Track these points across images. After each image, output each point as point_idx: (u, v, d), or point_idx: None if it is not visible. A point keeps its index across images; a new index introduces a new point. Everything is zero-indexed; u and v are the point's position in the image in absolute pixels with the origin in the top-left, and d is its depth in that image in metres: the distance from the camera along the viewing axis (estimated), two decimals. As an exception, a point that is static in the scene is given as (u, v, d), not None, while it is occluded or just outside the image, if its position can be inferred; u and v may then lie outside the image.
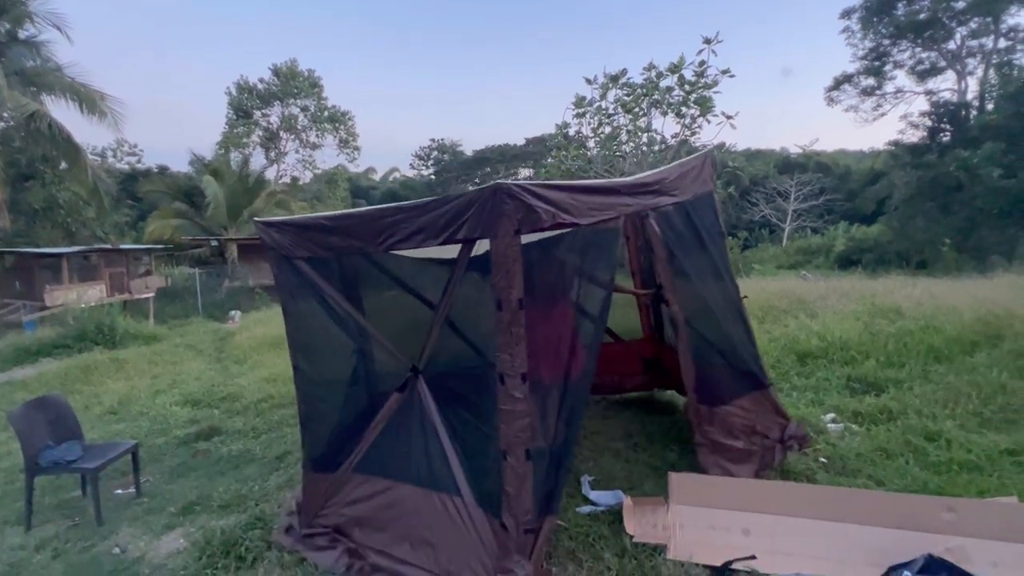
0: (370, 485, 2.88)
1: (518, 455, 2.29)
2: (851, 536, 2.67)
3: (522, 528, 2.31)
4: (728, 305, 3.56)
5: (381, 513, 2.79)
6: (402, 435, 2.80)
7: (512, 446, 2.28)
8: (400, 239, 2.46)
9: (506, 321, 2.22)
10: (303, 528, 2.99)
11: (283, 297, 3.08)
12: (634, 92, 10.66)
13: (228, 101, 35.56)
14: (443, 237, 2.33)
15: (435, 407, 2.66)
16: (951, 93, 24.36)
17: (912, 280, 9.30)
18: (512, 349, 2.23)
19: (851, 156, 45.77)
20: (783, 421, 3.63)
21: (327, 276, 2.91)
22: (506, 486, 2.33)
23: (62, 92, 15.81)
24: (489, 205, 2.18)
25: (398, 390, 2.79)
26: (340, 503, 2.96)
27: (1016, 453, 3.49)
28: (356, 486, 2.93)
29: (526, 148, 36.73)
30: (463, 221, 2.25)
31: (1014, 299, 6.11)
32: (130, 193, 29.33)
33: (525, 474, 2.30)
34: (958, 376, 4.78)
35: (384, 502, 2.80)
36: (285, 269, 2.98)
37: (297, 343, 3.10)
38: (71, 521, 3.63)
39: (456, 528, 2.49)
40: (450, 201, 2.30)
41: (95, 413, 6.49)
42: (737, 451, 3.34)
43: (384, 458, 2.86)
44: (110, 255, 19.00)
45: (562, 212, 2.27)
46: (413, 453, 2.74)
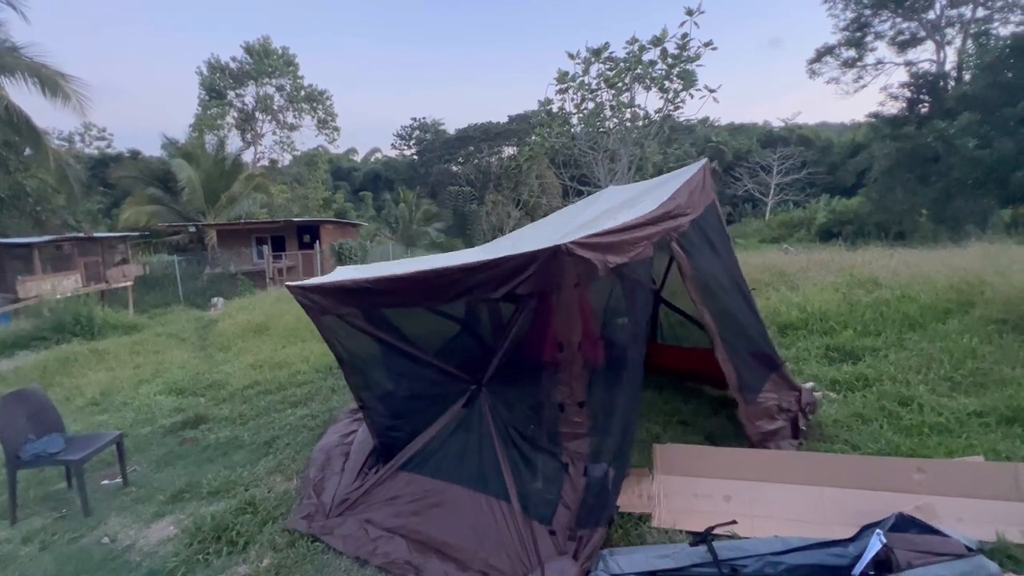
0: (416, 484, 2.97)
1: (577, 469, 2.56)
2: (827, 498, 2.78)
3: (567, 535, 2.47)
4: (743, 300, 3.75)
5: (425, 510, 2.87)
6: (457, 441, 2.95)
7: (573, 461, 2.57)
8: (453, 296, 2.63)
9: (568, 360, 2.53)
10: (331, 516, 3.04)
11: (333, 347, 3.17)
12: (617, 67, 10.54)
13: (200, 81, 34.33)
14: (501, 292, 2.44)
15: (492, 420, 2.83)
16: (930, 64, 24.55)
17: (889, 251, 9.50)
18: (573, 383, 2.55)
19: (833, 129, 46.14)
20: (796, 392, 3.80)
21: (374, 321, 3.02)
22: (563, 497, 2.52)
23: (21, 74, 15.06)
24: (551, 265, 2.29)
25: (464, 405, 2.94)
26: (380, 499, 3.02)
27: (983, 415, 3.64)
28: (401, 484, 3.01)
29: (509, 126, 36.18)
30: (523, 279, 2.36)
31: (985, 267, 6.28)
32: (101, 179, 28.40)
33: (580, 488, 2.53)
34: (931, 343, 4.93)
35: (430, 500, 2.89)
36: (330, 322, 3.08)
37: (357, 385, 3.28)
38: (58, 513, 3.61)
39: (500, 530, 2.60)
40: (508, 261, 2.38)
41: (77, 405, 6.38)
42: (777, 431, 3.50)
43: (435, 460, 2.99)
44: (84, 244, 18.46)
45: (610, 255, 2.39)
46: (467, 458, 2.88)
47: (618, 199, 4.12)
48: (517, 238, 4.48)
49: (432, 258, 4.13)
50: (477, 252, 4.17)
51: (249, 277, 19.93)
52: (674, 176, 3.82)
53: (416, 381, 3.22)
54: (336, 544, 2.84)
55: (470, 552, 2.58)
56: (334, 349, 3.17)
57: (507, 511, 2.62)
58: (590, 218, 3.63)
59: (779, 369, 3.81)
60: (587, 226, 3.08)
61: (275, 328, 9.41)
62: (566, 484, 2.55)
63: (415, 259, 4.26)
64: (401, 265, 3.65)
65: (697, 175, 3.41)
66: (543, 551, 2.46)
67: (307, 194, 36.12)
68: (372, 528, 2.87)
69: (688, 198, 3.12)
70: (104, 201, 29.50)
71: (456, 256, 3.93)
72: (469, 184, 36.04)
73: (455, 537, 2.67)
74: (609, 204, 4.05)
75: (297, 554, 2.80)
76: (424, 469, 3.00)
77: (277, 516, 3.17)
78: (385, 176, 49.11)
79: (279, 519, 3.14)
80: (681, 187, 3.17)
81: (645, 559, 2.44)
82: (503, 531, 2.58)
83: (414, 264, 3.62)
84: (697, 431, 3.87)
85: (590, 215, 3.82)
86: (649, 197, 3.33)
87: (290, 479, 3.69)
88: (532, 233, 4.42)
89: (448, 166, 39.01)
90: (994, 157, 17.54)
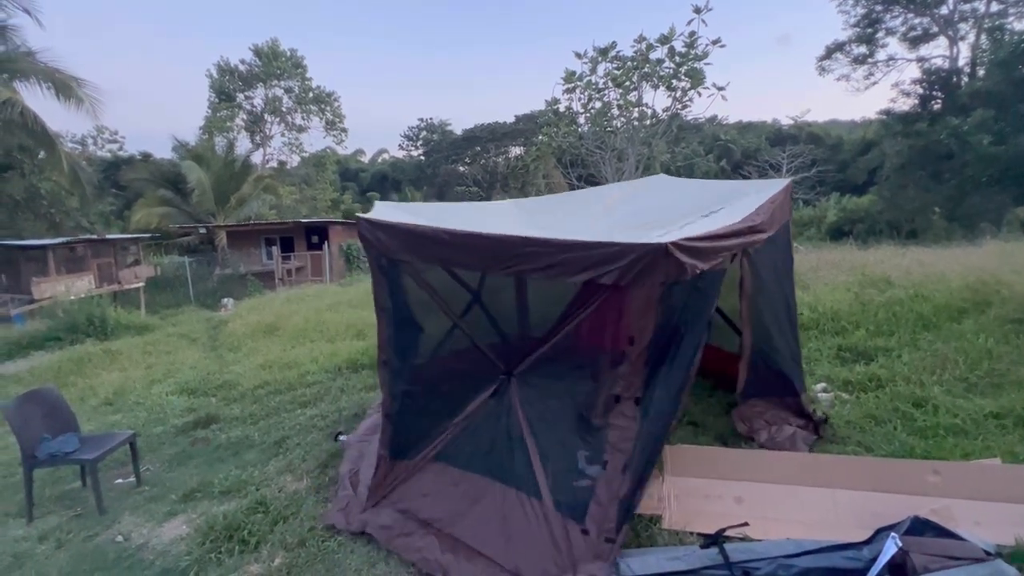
0: (448, 475, 2.97)
1: (616, 467, 2.45)
2: (840, 501, 2.75)
3: (603, 536, 2.43)
4: (788, 323, 3.74)
5: (456, 503, 2.87)
6: (487, 433, 2.91)
7: (613, 458, 2.46)
8: (528, 268, 2.50)
9: (634, 355, 2.42)
10: (367, 506, 3.06)
11: (378, 293, 3.10)
12: (624, 65, 10.50)
13: (209, 84, 34.68)
14: (582, 277, 2.36)
15: (522, 413, 2.79)
16: (943, 60, 24.18)
17: (902, 250, 9.38)
18: (632, 378, 2.44)
19: (843, 126, 45.60)
20: (801, 420, 3.74)
21: (428, 279, 2.97)
22: (597, 494, 2.46)
23: (36, 78, 15.32)
24: (648, 260, 2.20)
25: (492, 395, 2.90)
26: (414, 489, 3.03)
27: (1000, 416, 3.58)
28: (433, 475, 3.01)
29: (516, 126, 36.19)
30: (612, 269, 2.27)
31: (1001, 266, 6.19)
32: (113, 181, 28.80)
33: (618, 487, 2.44)
34: (946, 343, 4.86)
35: (461, 492, 2.88)
36: (385, 268, 3.02)
37: (388, 338, 3.14)
38: (73, 512, 3.65)
39: (531, 528, 2.58)
40: (600, 247, 2.29)
41: (90, 405, 6.47)
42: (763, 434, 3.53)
43: (466, 451, 2.96)
44: (97, 245, 18.74)
45: (700, 262, 2.32)
46: (496, 451, 2.85)
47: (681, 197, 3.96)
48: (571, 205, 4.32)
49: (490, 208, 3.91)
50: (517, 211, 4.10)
51: (258, 278, 20.10)
52: (753, 187, 3.73)
53: (448, 355, 3.18)
54: (375, 534, 2.87)
55: (500, 551, 2.56)
56: (377, 295, 3.09)
57: (538, 508, 2.60)
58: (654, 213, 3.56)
59: (795, 396, 3.74)
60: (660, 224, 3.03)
61: (284, 329, 9.47)
62: (602, 481, 2.47)
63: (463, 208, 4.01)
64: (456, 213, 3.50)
65: (780, 193, 3.33)
66: (577, 552, 2.43)
67: (315, 195, 36.37)
68: (408, 521, 2.88)
69: (770, 216, 3.06)
70: (116, 203, 29.88)
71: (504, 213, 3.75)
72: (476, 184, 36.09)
73: (485, 535, 2.66)
74: (665, 200, 3.91)
75: (308, 553, 2.82)
76: (456, 461, 2.99)
77: (288, 516, 3.19)
78: (392, 177, 49.30)
79: (290, 519, 3.16)
80: (765, 203, 3.09)
81: (656, 561, 2.42)
82: (534, 530, 2.56)
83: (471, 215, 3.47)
84: (708, 432, 3.84)
85: (650, 208, 3.70)
86: (730, 207, 3.21)
87: (300, 479, 3.72)
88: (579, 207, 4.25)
89: (455, 166, 39.10)
90: (1009, 154, 17.25)
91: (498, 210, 4.35)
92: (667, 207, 3.79)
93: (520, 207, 4.39)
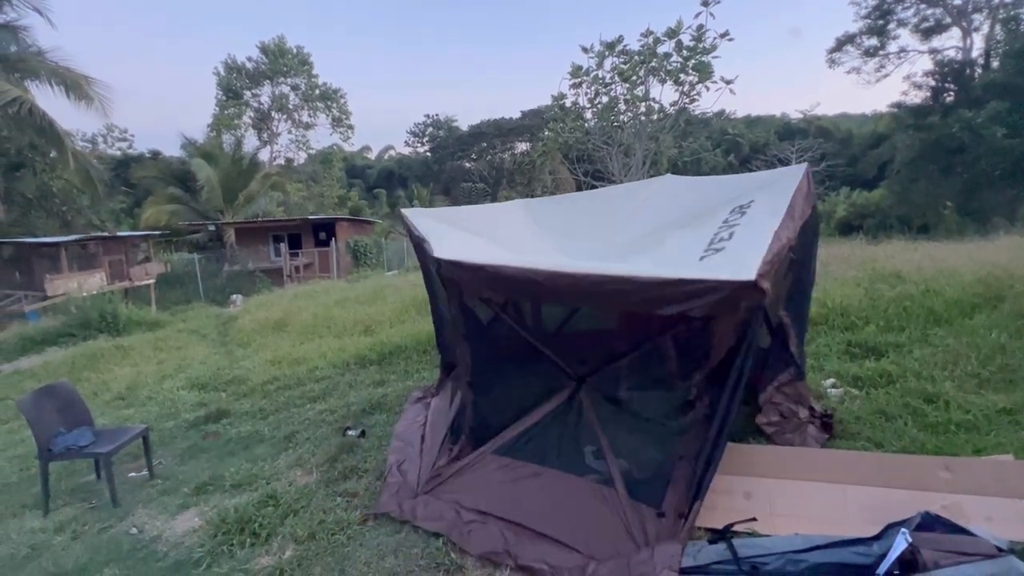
0: (511, 469, 3.05)
1: (690, 457, 2.67)
2: (849, 497, 2.73)
3: (676, 515, 2.56)
4: (802, 313, 3.85)
5: (518, 492, 2.94)
6: (555, 430, 3.10)
7: (688, 451, 2.70)
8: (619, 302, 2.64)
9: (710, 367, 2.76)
10: (419, 494, 3.13)
11: (459, 323, 3.21)
12: (631, 60, 10.40)
13: (217, 82, 34.87)
14: (671, 310, 2.39)
15: (594, 414, 2.99)
16: (956, 51, 23.76)
17: (913, 244, 9.26)
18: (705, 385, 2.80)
19: (853, 120, 45.02)
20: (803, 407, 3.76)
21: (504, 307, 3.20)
22: (673, 483, 2.63)
23: (47, 77, 15.49)
24: (737, 294, 2.25)
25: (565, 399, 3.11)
26: (471, 481, 3.09)
27: (1013, 412, 3.54)
28: (494, 468, 3.10)
29: (522, 122, 36.08)
30: (701, 303, 2.31)
31: (1014, 260, 6.09)
32: (124, 179, 29.05)
33: (692, 476, 2.62)
34: (957, 338, 4.80)
35: (525, 484, 2.97)
36: (467, 304, 3.17)
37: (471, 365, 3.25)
38: (88, 504, 3.72)
39: (603, 513, 2.67)
40: (688, 285, 2.31)
41: (104, 399, 6.57)
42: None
43: (532, 447, 3.10)
44: (108, 243, 18.94)
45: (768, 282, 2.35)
46: (565, 446, 3.03)
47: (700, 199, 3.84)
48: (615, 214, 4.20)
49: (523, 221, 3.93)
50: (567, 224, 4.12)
51: (267, 274, 20.24)
52: (772, 178, 3.60)
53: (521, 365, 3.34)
54: (427, 525, 2.90)
55: (568, 534, 2.60)
56: (458, 325, 3.19)
57: (609, 495, 2.71)
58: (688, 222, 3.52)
59: (803, 381, 3.75)
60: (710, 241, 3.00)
61: (293, 325, 9.55)
62: (679, 470, 2.65)
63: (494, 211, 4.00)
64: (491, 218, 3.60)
65: (803, 181, 3.26)
66: (650, 532, 2.52)
67: (322, 192, 36.53)
68: (464, 511, 2.91)
69: (802, 210, 3.03)
70: (126, 201, 30.18)
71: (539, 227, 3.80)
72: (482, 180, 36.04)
73: (552, 519, 2.71)
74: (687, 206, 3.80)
75: (318, 546, 2.85)
76: (519, 455, 3.07)
77: (298, 509, 3.23)
78: (399, 173, 49.39)
79: (300, 512, 3.20)
80: (795, 196, 3.01)
81: (664, 555, 2.42)
82: (605, 514, 2.65)
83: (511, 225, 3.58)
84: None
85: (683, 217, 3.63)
86: (761, 207, 3.09)
87: (310, 473, 3.76)
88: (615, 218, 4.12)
89: (461, 163, 39.05)
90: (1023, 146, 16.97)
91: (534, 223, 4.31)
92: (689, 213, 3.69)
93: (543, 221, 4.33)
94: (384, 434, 4.27)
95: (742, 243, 2.59)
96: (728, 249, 2.60)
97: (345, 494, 3.38)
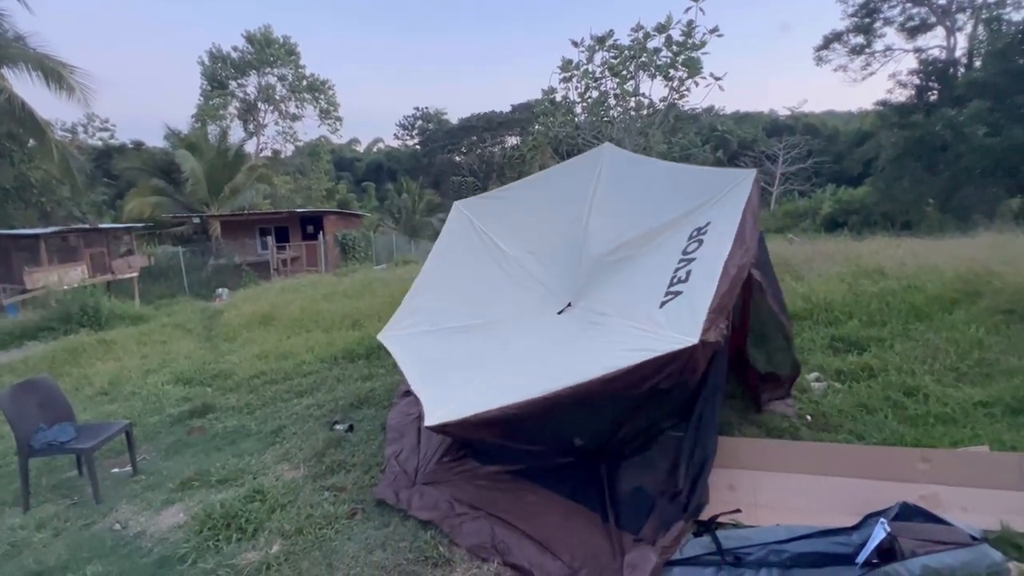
0: (510, 480, 3.16)
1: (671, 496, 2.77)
2: (831, 488, 2.79)
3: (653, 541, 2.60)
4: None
5: (514, 497, 3.01)
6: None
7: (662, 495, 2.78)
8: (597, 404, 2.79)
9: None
10: (417, 483, 3.19)
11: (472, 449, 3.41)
12: (621, 54, 10.40)
13: (201, 71, 34.23)
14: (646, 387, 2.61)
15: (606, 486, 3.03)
16: (940, 51, 24.11)
17: (896, 241, 9.43)
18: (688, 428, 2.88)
19: (839, 117, 45.58)
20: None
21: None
22: (654, 514, 2.69)
23: (25, 65, 15.04)
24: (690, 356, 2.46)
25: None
26: (472, 481, 3.19)
27: (989, 405, 3.63)
28: (492, 477, 3.20)
29: (512, 115, 35.99)
30: (665, 375, 2.56)
31: (993, 257, 6.23)
32: (105, 170, 28.43)
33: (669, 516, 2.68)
34: (937, 333, 4.91)
35: (521, 493, 3.05)
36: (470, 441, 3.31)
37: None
38: (69, 500, 3.66)
39: (588, 530, 2.74)
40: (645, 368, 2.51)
41: (86, 394, 6.45)
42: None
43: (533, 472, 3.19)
44: (89, 235, 18.54)
45: (723, 322, 2.64)
46: (565, 480, 3.09)
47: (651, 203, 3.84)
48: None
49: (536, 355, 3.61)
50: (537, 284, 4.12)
51: (253, 268, 19.99)
52: (722, 185, 3.54)
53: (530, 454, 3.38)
54: (421, 515, 2.94)
55: (556, 543, 2.65)
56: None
57: (598, 521, 2.78)
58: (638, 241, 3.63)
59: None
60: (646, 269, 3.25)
61: (280, 319, 9.45)
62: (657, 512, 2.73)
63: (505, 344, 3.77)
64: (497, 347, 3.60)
65: (753, 194, 3.27)
66: (626, 542, 2.60)
67: (310, 185, 36.12)
68: (458, 504, 2.97)
69: (752, 229, 3.11)
70: (108, 192, 29.53)
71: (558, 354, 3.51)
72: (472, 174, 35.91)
73: (542, 526, 2.76)
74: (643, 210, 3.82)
75: (306, 541, 2.84)
76: (521, 475, 3.18)
77: (285, 504, 3.21)
78: (388, 166, 49.00)
79: (287, 506, 3.18)
80: (744, 215, 3.06)
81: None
82: (590, 530, 2.72)
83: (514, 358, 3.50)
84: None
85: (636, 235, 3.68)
86: (714, 234, 3.13)
87: (297, 467, 3.74)
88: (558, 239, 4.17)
89: (451, 156, 38.86)
90: (1004, 145, 17.28)
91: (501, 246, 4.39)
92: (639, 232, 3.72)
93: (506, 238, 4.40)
94: (372, 428, 4.26)
95: (697, 285, 2.78)
96: (685, 293, 2.80)
97: (333, 488, 3.37)
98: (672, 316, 2.69)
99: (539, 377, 2.79)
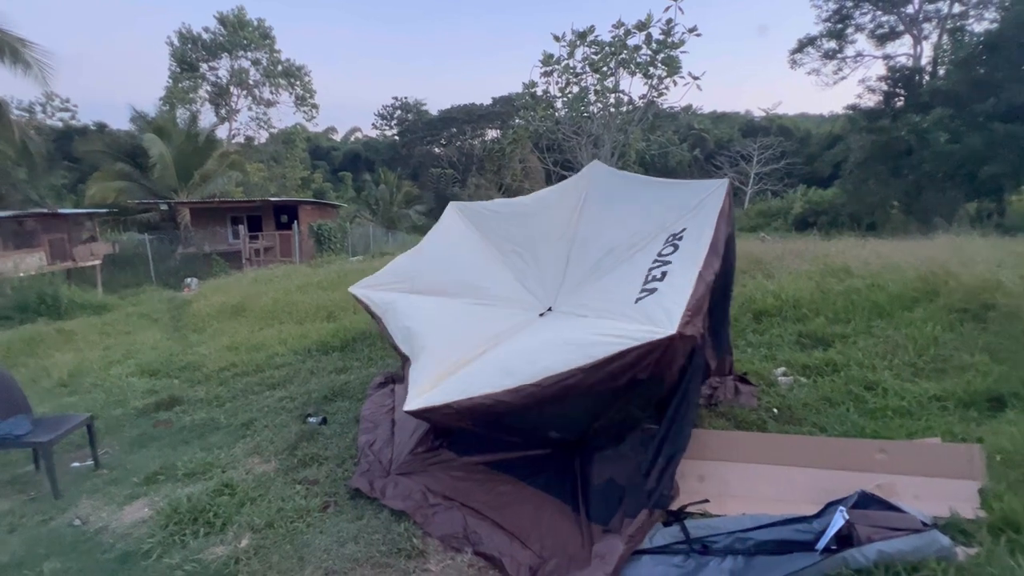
0: (484, 472, 3.17)
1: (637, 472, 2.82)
2: (794, 478, 2.89)
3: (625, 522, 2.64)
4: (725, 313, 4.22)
5: (488, 488, 3.04)
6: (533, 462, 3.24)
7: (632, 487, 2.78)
8: (582, 392, 2.71)
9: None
10: (392, 474, 3.18)
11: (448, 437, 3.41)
12: (602, 50, 10.44)
13: (170, 52, 32.90)
14: (624, 379, 2.62)
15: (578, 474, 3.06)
16: (907, 58, 24.99)
17: (862, 241, 9.76)
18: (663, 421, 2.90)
19: (812, 120, 46.82)
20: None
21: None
22: (623, 507, 2.69)
23: (-24, 38, 14.19)
24: (667, 350, 2.50)
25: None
26: (446, 471, 3.19)
27: (942, 399, 3.82)
28: (469, 468, 3.20)
29: (493, 108, 35.75)
30: (643, 366, 2.58)
31: (951, 258, 6.51)
32: (65, 153, 27.13)
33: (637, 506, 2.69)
34: (897, 330, 5.11)
35: (495, 484, 3.06)
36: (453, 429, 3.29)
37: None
38: (26, 496, 3.52)
39: (561, 522, 2.75)
40: (623, 357, 2.53)
41: (43, 386, 6.19)
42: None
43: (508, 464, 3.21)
44: (48, 220, 17.69)
45: (700, 320, 2.69)
46: (540, 472, 3.13)
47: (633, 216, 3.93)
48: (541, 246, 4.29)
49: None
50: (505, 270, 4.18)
51: (224, 257, 19.42)
52: (698, 195, 3.66)
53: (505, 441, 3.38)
54: (394, 504, 2.93)
55: (526, 533, 2.67)
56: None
57: (569, 512, 2.81)
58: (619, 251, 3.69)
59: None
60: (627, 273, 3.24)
61: (252, 310, 9.23)
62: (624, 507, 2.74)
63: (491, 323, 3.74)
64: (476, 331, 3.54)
65: (725, 202, 3.40)
66: (595, 533, 2.63)
67: (285, 173, 35.27)
68: (431, 495, 2.98)
69: (724, 235, 3.24)
70: (68, 176, 28.22)
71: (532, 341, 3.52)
72: (451, 166, 35.61)
73: (513, 516, 2.78)
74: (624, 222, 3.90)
75: (276, 534, 2.80)
76: (495, 466, 3.19)
77: (255, 497, 3.16)
78: (365, 156, 48.17)
79: (258, 500, 3.13)
80: (718, 224, 3.20)
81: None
82: (561, 521, 2.74)
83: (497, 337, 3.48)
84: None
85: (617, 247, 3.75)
86: (689, 240, 3.23)
87: (268, 461, 3.67)
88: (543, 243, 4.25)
89: (430, 148, 38.44)
90: (963, 152, 18.07)
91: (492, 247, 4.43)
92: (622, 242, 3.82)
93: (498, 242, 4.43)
94: (347, 420, 4.22)
95: (673, 283, 2.85)
96: (660, 291, 2.85)
97: (305, 482, 3.33)
98: (648, 310, 2.73)
99: (520, 363, 2.81)
